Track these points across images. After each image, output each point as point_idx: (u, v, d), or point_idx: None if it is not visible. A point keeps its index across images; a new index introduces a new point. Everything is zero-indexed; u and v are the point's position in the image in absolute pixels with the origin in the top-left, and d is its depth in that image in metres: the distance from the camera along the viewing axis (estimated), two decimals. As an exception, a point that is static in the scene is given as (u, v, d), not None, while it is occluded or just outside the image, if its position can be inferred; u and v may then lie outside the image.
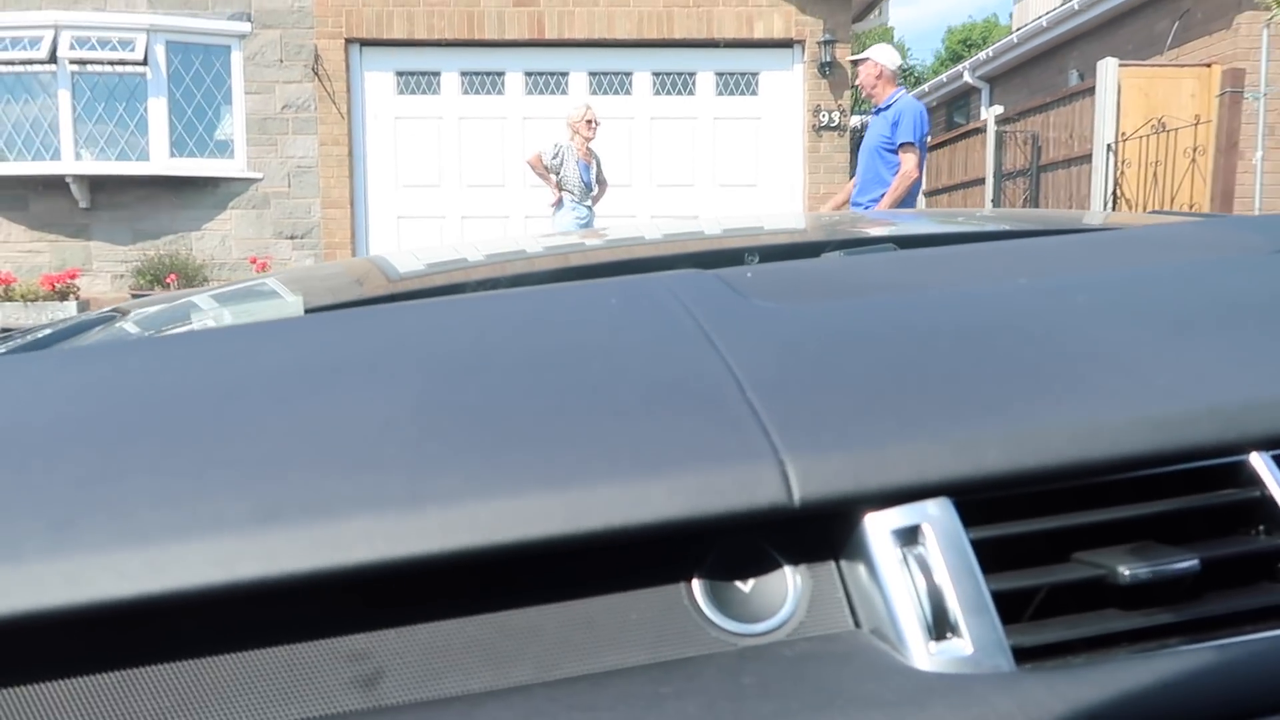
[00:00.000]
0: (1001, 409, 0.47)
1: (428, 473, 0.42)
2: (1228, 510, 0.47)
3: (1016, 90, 10.72)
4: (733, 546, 0.44)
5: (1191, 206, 6.51)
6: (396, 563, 0.39)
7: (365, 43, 7.74)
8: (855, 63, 5.20)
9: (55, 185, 7.57)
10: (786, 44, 7.90)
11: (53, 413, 0.50)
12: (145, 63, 7.44)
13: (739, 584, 0.43)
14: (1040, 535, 0.44)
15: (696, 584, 0.43)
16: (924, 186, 10.75)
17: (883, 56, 4.89)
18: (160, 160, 7.56)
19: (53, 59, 7.36)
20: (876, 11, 8.43)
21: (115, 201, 7.69)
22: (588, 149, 5.94)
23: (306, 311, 0.88)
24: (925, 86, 13.51)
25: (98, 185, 7.62)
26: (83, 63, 7.42)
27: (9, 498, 0.42)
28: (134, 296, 7.30)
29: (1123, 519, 0.45)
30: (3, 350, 0.89)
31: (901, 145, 4.71)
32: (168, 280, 7.30)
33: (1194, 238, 0.81)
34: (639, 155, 7.92)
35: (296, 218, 7.78)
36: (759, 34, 7.82)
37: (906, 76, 23.57)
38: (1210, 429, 0.46)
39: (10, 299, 7.24)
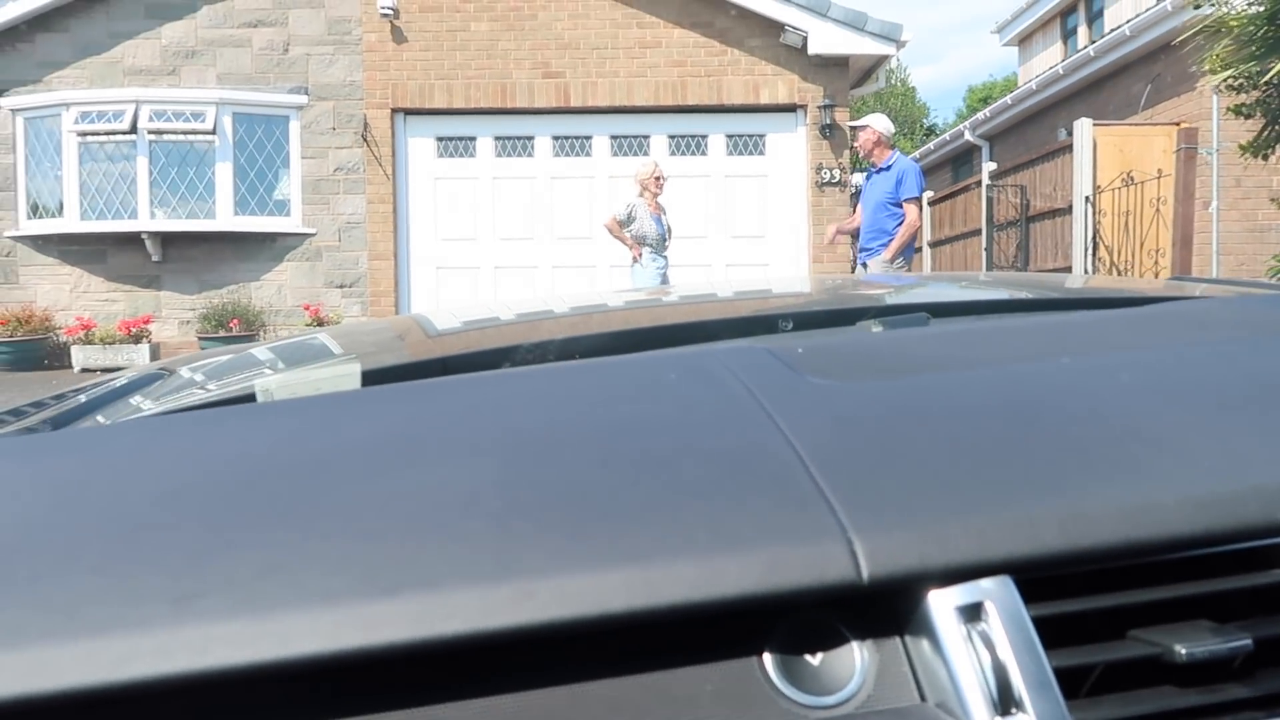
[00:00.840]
0: (1056, 488, 0.48)
1: (513, 547, 0.44)
2: (1278, 590, 0.47)
3: (1013, 147, 11.41)
4: (803, 621, 0.45)
5: (1158, 251, 7.10)
6: (488, 634, 0.40)
7: (409, 112, 8.61)
8: (854, 129, 5.99)
9: (131, 241, 8.44)
10: (790, 108, 8.65)
11: (154, 485, 0.52)
12: (214, 132, 8.34)
13: (809, 658, 0.44)
14: (1096, 613, 0.45)
15: (768, 657, 0.44)
16: (929, 237, 11.43)
17: (879, 124, 5.75)
18: (225, 218, 8.42)
19: (133, 130, 8.28)
20: (874, 78, 9.18)
21: (184, 255, 8.54)
22: (657, 203, 6.43)
23: (364, 375, 0.92)
24: (931, 144, 14.26)
25: (169, 241, 8.48)
26: (159, 133, 8.33)
27: (127, 568, 0.43)
28: (200, 339, 8.10)
29: (1176, 598, 0.46)
30: (53, 413, 0.91)
31: (906, 200, 5.50)
32: (231, 324, 8.09)
33: (1229, 316, 0.83)
34: (610, 214, 8.65)
35: (345, 269, 8.58)
36: (765, 99, 8.59)
37: (930, 134, 24.35)
38: (1257, 509, 0.47)
39: (91, 342, 8.07)
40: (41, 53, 8.48)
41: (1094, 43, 9.51)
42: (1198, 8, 5.89)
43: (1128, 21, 8.65)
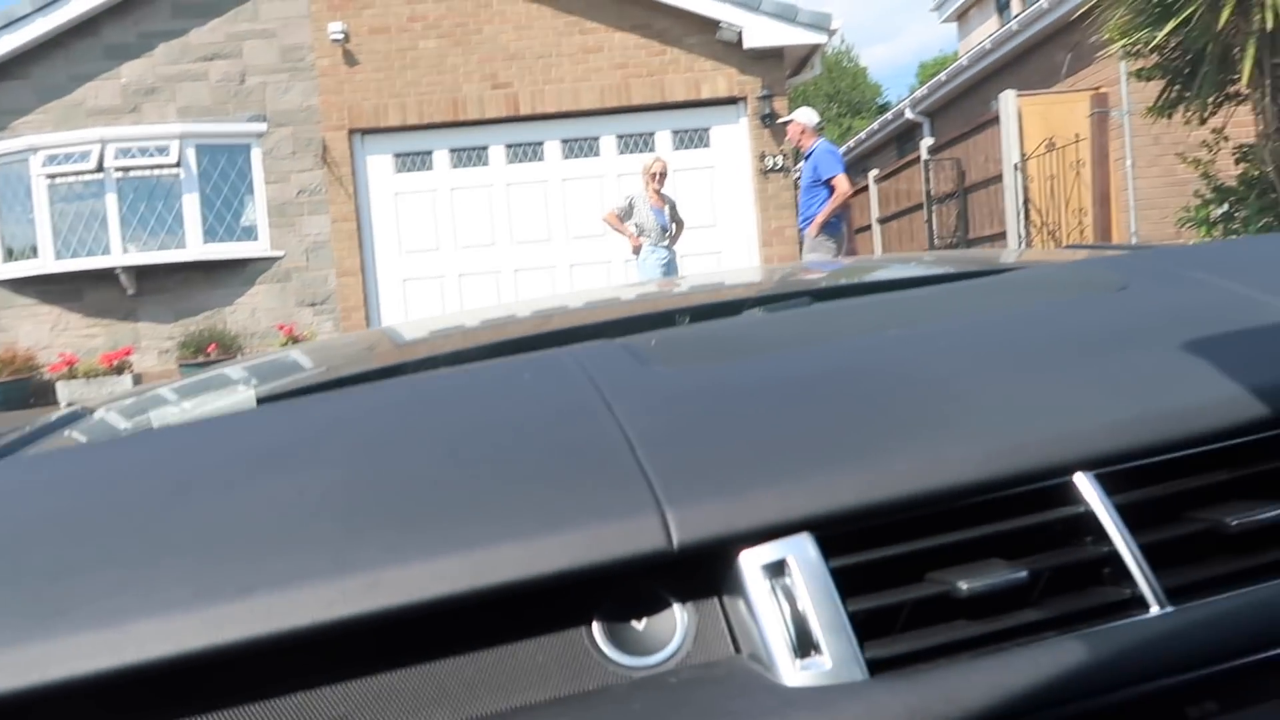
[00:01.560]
0: (855, 450, 0.53)
1: (352, 544, 0.47)
2: (1060, 525, 0.52)
3: (953, 122, 11.83)
4: (627, 590, 0.49)
5: (1081, 210, 7.53)
6: (324, 626, 0.43)
7: (365, 131, 8.92)
8: (783, 124, 6.52)
9: (106, 277, 8.71)
10: (731, 101, 9.03)
11: (17, 516, 0.55)
12: (178, 164, 8.62)
13: (634, 623, 0.48)
14: (901, 560, 0.50)
15: (596, 626, 0.48)
16: (877, 214, 11.83)
17: (802, 116, 6.35)
18: (195, 247, 8.70)
19: (100, 168, 8.55)
20: (809, 66, 9.56)
21: (158, 286, 8.82)
22: (659, 195, 6.72)
23: (259, 401, 0.97)
24: (875, 124, 14.67)
25: (142, 273, 8.76)
26: (125, 169, 8.61)
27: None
28: (180, 366, 8.39)
29: (968, 540, 0.50)
30: None
31: (829, 178, 6.02)
32: (208, 350, 8.38)
33: (1056, 280, 0.88)
34: (609, 208, 9.01)
35: (315, 287, 8.89)
36: (706, 94, 8.96)
37: (884, 111, 24.97)
38: (1035, 455, 0.52)
39: (74, 377, 8.34)
40: (4, 100, 8.73)
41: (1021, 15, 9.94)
42: (1099, -20, 6.29)
43: (1024, 6, 9.09)
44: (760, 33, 8.70)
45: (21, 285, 8.82)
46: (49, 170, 8.57)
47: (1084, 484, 0.52)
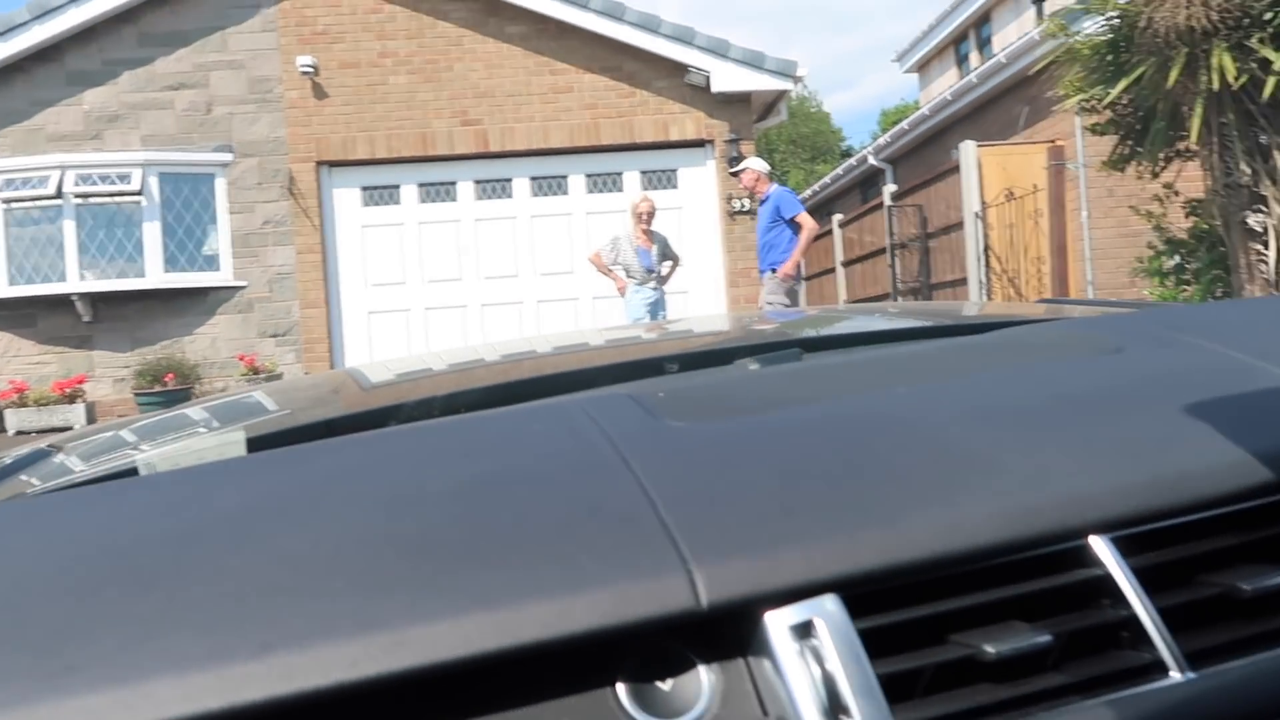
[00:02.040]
0: (877, 510, 0.52)
1: (372, 601, 0.46)
2: (1078, 588, 0.52)
3: (914, 169, 12.09)
4: (652, 650, 0.47)
5: (1039, 259, 7.71)
6: (347, 686, 0.42)
7: (333, 164, 8.89)
8: (735, 174, 6.71)
9: (61, 304, 8.54)
10: (699, 144, 9.15)
11: (22, 566, 0.53)
12: (141, 193, 8.52)
13: (659, 683, 0.47)
14: (925, 622, 0.49)
15: (621, 686, 0.46)
16: (841, 258, 12.01)
17: (756, 165, 6.66)
18: (155, 275, 8.58)
19: (59, 194, 8.42)
20: (776, 111, 9.73)
21: (115, 314, 8.67)
22: (647, 234, 6.72)
23: (248, 442, 0.93)
24: (840, 169, 14.94)
25: (99, 300, 8.60)
26: (85, 196, 8.49)
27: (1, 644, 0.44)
28: (136, 395, 8.22)
29: (989, 602, 0.51)
30: None
31: (791, 217, 6.20)
32: (165, 379, 8.23)
33: (1049, 341, 0.91)
34: (577, 245, 9.05)
35: (278, 319, 8.79)
36: (675, 136, 9.07)
37: (846, 156, 25.57)
38: (1052, 518, 0.52)
39: (25, 404, 8.14)
40: (-38, 123, 8.59)
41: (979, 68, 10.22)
42: (1054, 37, 6.51)
43: (1003, 50, 9.36)
44: (728, 78, 8.85)
45: (-28, 311, 8.63)
46: (5, 195, 8.43)
47: (1100, 547, 0.53)
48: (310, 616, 0.45)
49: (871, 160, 12.91)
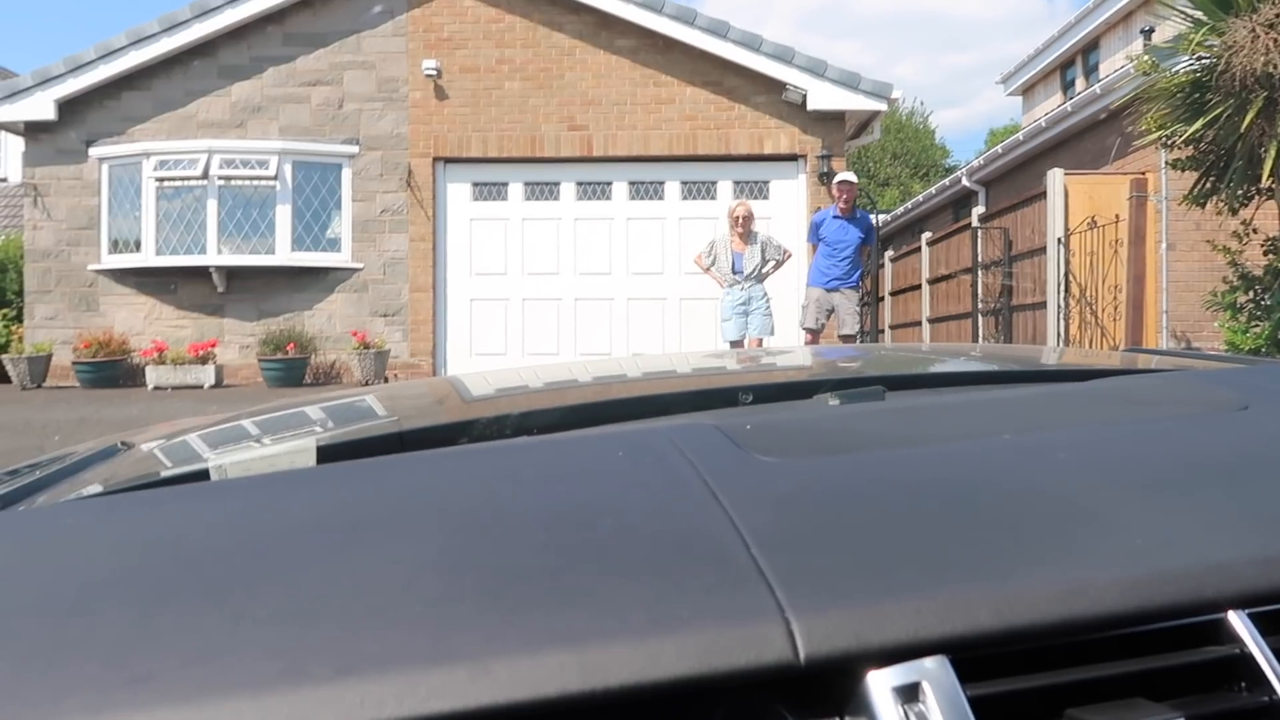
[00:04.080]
0: (991, 569, 0.48)
1: (449, 631, 0.44)
2: (1210, 667, 0.47)
3: (1006, 193, 12.23)
4: (741, 703, 0.44)
5: (1117, 287, 7.88)
6: (421, 719, 0.40)
7: (448, 160, 9.60)
8: (844, 182, 7.22)
9: (199, 274, 9.45)
10: (792, 158, 9.56)
11: (91, 570, 0.52)
12: (276, 178, 9.37)
13: None
14: (1039, 693, 0.45)
15: None
16: (928, 276, 12.24)
17: (854, 179, 6.97)
18: (284, 253, 9.42)
19: (205, 176, 9.32)
20: (869, 130, 10.07)
21: (245, 286, 9.53)
22: (743, 237, 7.24)
23: (320, 451, 0.91)
24: (933, 189, 15.11)
25: (232, 274, 9.48)
26: (228, 178, 9.38)
27: (69, 650, 0.43)
28: (260, 362, 9.05)
29: (1111, 676, 0.46)
30: (11, 486, 0.91)
31: (866, 246, 6.79)
32: (287, 348, 9.04)
33: (1165, 394, 0.86)
34: (669, 248, 9.55)
35: (389, 300, 9.54)
36: (768, 150, 9.51)
37: (950, 173, 25.73)
38: (1187, 589, 0.48)
39: (163, 363, 9.05)
40: (126, 108, 9.58)
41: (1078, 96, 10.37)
42: (1145, 74, 6.72)
43: (1101, 80, 9.51)
44: (824, 96, 9.24)
45: (122, 275, 9.60)
46: (159, 174, 9.38)
47: (1238, 623, 0.48)
48: (385, 643, 0.43)
49: (965, 182, 13.07)
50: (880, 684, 0.44)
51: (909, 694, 0.43)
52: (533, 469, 0.65)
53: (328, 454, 0.89)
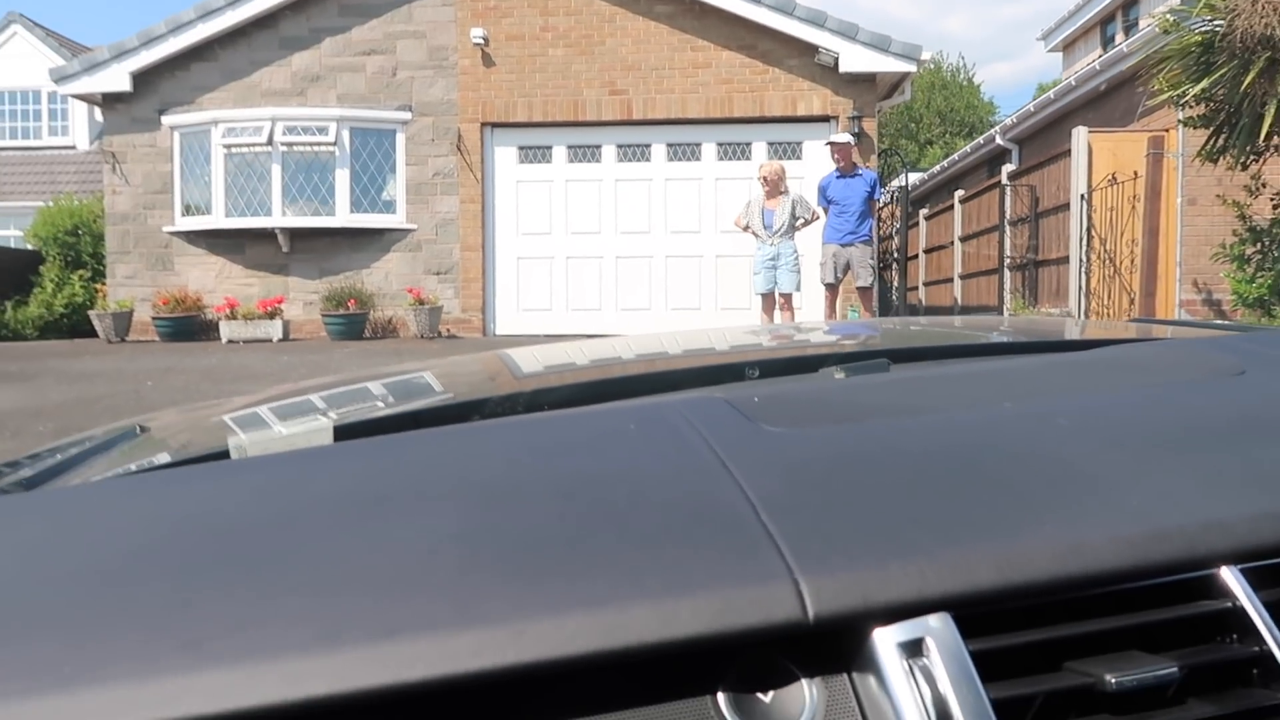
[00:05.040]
0: (992, 529, 0.50)
1: (474, 595, 0.45)
2: (1203, 620, 0.49)
3: (1039, 150, 12.44)
4: (754, 661, 0.46)
5: (1133, 241, 8.20)
6: (449, 679, 0.41)
7: (495, 125, 10.12)
8: (836, 143, 7.71)
9: (265, 235, 10.11)
10: (824, 119, 9.93)
11: (125, 543, 0.53)
12: (335, 144, 9.96)
13: (760, 695, 0.45)
14: (1033, 646, 0.47)
15: (722, 696, 0.45)
16: (959, 233, 12.53)
17: (849, 138, 7.45)
18: (343, 215, 10.04)
19: (270, 142, 9.94)
20: (900, 91, 10.38)
21: (308, 246, 10.18)
22: (775, 196, 7.75)
23: (336, 430, 0.92)
24: (968, 147, 15.30)
25: (296, 235, 10.13)
26: (290, 144, 9.99)
27: (118, 619, 0.45)
28: (324, 317, 9.70)
29: (1108, 629, 0.48)
30: (29, 472, 0.92)
31: (874, 200, 7.26)
32: (348, 304, 9.69)
33: (1165, 361, 0.87)
34: (706, 208, 10.01)
35: (441, 259, 10.13)
36: (801, 112, 9.89)
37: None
38: (1181, 546, 0.49)
39: (235, 318, 9.75)
40: (195, 79, 10.21)
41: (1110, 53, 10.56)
42: (1167, 33, 7.00)
43: (1127, 40, 9.71)
44: (855, 59, 9.58)
45: (194, 237, 10.30)
46: (227, 141, 10.02)
47: (1230, 578, 0.49)
48: (416, 608, 0.44)
49: (999, 140, 13.28)
50: (886, 640, 0.45)
51: (913, 649, 0.45)
52: (549, 441, 0.66)
53: (344, 434, 0.90)
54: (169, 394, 6.19)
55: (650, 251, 10.14)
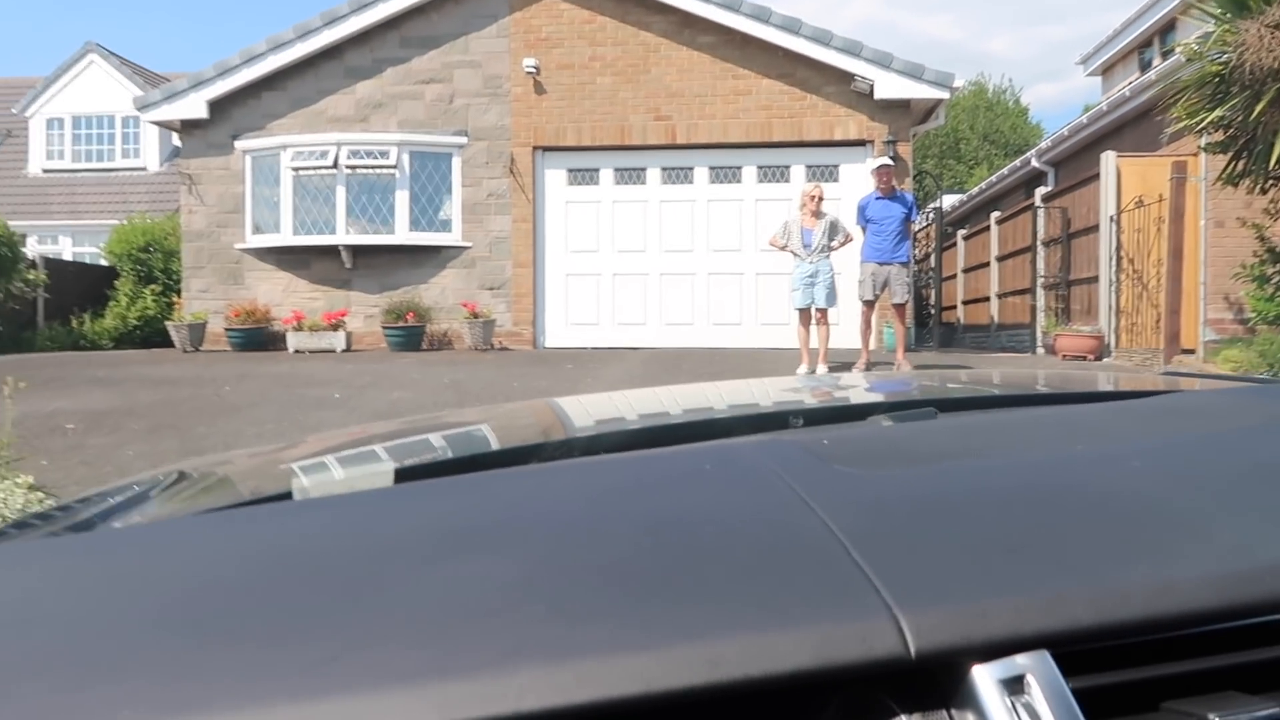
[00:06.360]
0: (1084, 568, 0.50)
1: (578, 627, 0.45)
2: None
3: (1074, 173, 12.72)
4: (853, 697, 0.45)
5: (1159, 261, 8.49)
6: (557, 711, 0.41)
7: (546, 149, 10.68)
8: (880, 167, 8.00)
9: (329, 252, 10.74)
10: (860, 143, 10.35)
11: (221, 576, 0.54)
12: (395, 167, 10.58)
13: None
14: (1128, 686, 0.46)
15: None
16: (995, 253, 12.84)
17: (890, 161, 7.80)
18: (402, 233, 10.65)
19: (335, 165, 10.59)
20: (934, 117, 10.77)
21: (369, 263, 10.80)
22: (813, 215, 7.98)
23: (396, 473, 0.92)
24: (1005, 169, 15.59)
25: (358, 252, 10.75)
26: (353, 167, 10.63)
27: (244, 641, 0.46)
28: (384, 329, 10.27)
29: (1206, 669, 0.47)
30: (82, 516, 0.90)
31: (910, 223, 7.57)
32: (407, 316, 10.27)
33: (1224, 406, 0.89)
34: (746, 228, 10.47)
35: (494, 275, 10.69)
36: (838, 136, 10.33)
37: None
38: (1271, 585, 0.49)
39: (301, 330, 10.38)
40: (266, 106, 10.91)
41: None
42: (1190, 61, 7.34)
43: (1155, 67, 10.02)
44: (890, 86, 10.00)
45: (263, 253, 10.97)
46: (295, 164, 10.69)
47: None
48: (507, 641, 0.44)
49: (1034, 163, 13.59)
50: (985, 677, 0.45)
51: (1013, 687, 0.45)
52: (627, 481, 0.66)
53: (404, 475, 0.91)
54: (246, 396, 6.77)
55: (693, 269, 10.61)
